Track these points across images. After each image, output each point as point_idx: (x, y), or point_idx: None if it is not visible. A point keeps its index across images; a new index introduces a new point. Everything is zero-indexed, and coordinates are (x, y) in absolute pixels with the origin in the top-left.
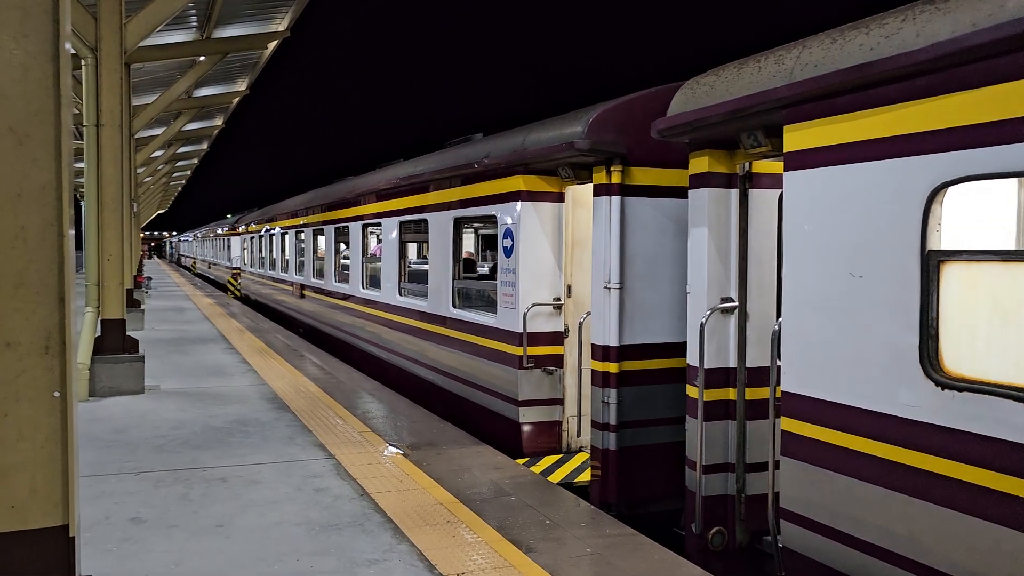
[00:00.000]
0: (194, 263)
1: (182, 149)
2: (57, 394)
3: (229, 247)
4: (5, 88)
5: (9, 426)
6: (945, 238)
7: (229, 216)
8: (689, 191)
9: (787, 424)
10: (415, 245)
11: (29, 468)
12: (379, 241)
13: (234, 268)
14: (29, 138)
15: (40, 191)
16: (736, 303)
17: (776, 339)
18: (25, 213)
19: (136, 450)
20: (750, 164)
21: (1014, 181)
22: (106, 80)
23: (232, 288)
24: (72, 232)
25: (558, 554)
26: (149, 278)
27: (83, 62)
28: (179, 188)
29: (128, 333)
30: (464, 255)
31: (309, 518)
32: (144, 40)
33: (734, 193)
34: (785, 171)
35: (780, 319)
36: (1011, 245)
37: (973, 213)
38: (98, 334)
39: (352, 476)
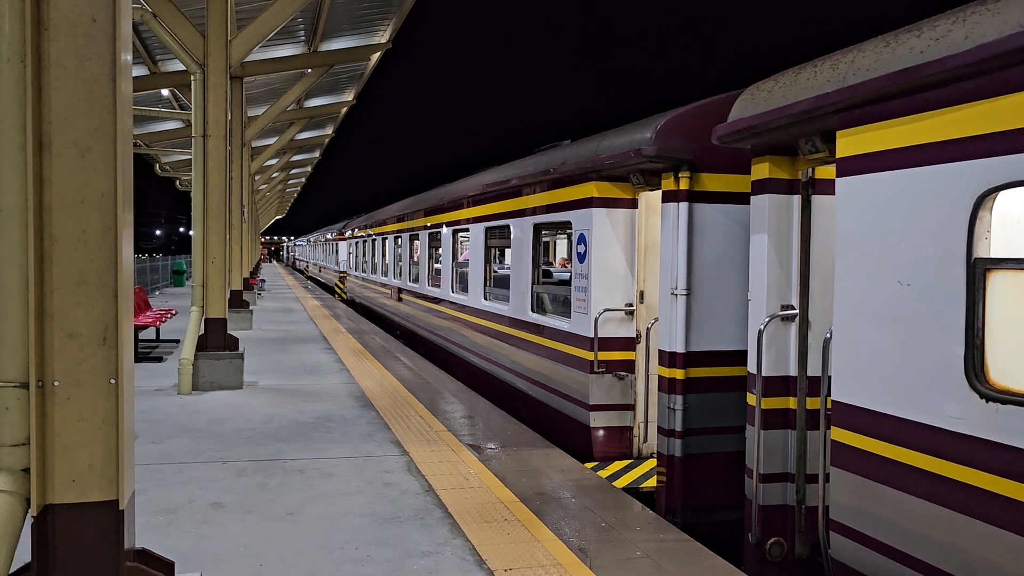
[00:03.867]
0: (307, 267)
1: (296, 157)
2: (113, 381)
3: (336, 251)
4: (71, 107)
5: (71, 408)
6: (995, 246)
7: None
8: (751, 197)
9: (836, 434)
10: (501, 251)
11: (87, 446)
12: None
13: (341, 272)
14: (90, 151)
15: (100, 198)
16: (796, 311)
17: (828, 347)
18: (87, 218)
19: (226, 441)
20: (813, 170)
21: None
22: (212, 94)
23: (339, 291)
24: (130, 235)
25: (608, 556)
26: (263, 280)
27: (192, 77)
28: (295, 194)
29: (235, 332)
30: (559, 262)
31: (374, 510)
32: (251, 55)
33: (796, 199)
34: (837, 177)
35: (832, 327)
36: None
37: None
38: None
39: (422, 472)
